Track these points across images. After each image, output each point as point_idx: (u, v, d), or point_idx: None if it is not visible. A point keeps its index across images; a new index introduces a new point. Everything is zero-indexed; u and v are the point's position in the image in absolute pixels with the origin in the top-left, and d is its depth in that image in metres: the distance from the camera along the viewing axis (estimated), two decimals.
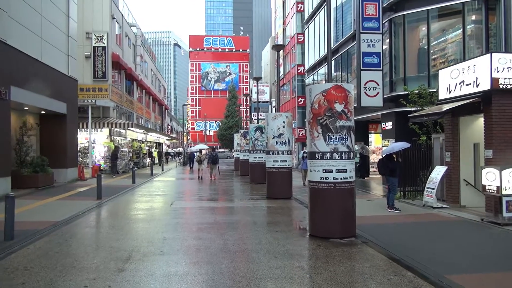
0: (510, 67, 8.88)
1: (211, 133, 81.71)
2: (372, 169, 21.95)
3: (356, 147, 7.32)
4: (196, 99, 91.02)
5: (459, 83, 10.08)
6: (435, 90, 13.27)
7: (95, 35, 24.32)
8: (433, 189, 10.60)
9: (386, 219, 9.23)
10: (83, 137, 23.84)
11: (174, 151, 60.46)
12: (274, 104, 57.27)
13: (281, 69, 46.46)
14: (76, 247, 6.67)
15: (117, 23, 27.55)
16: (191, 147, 48.06)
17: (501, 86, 8.89)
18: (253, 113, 51.31)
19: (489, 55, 8.99)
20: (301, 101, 40.51)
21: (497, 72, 8.88)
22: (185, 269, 5.46)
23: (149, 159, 34.95)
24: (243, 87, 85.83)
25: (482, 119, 9.86)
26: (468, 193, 10.61)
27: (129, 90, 31.50)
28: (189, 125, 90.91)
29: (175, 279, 5.04)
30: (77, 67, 20.66)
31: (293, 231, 8.20)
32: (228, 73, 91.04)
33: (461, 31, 15.00)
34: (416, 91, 13.93)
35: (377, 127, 22.36)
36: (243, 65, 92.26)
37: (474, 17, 14.92)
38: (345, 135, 7.27)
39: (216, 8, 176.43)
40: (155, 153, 41.18)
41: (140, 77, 34.41)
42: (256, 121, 25.19)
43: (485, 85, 9.07)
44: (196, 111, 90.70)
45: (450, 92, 10.55)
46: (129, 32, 31.76)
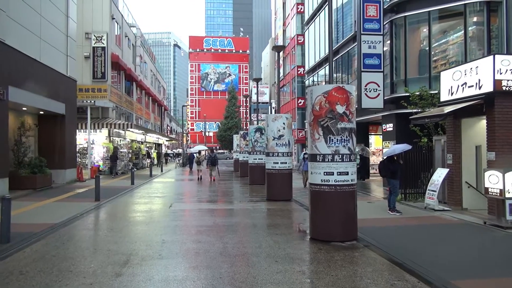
0: None
1: (211, 134, 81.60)
2: (372, 171, 21.89)
3: (356, 148, 7.27)
4: (195, 100, 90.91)
5: (461, 85, 10.00)
6: (436, 92, 13.19)
7: (95, 36, 24.21)
8: (435, 191, 10.51)
9: (387, 222, 9.13)
10: (82, 138, 23.75)
11: (173, 152, 60.31)
12: (274, 105, 57.20)
13: (281, 71, 46.36)
14: (73, 250, 6.56)
15: (117, 23, 27.46)
16: (190, 148, 47.96)
17: (504, 88, 8.81)
18: (252, 114, 51.26)
19: (492, 56, 8.90)
20: (300, 103, 40.44)
21: (500, 74, 8.80)
22: (184, 274, 5.35)
23: (148, 160, 34.84)
24: (243, 88, 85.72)
25: (484, 121, 9.78)
26: (470, 195, 10.52)
27: (128, 90, 31.40)
28: (188, 126, 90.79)
29: (174, 284, 4.93)
30: (76, 67, 20.57)
31: (293, 234, 8.10)
32: (228, 74, 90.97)
33: (462, 32, 14.91)
34: (417, 93, 13.84)
35: (378, 128, 22.28)
36: (243, 66, 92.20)
37: (475, 19, 14.84)
38: (347, 137, 7.17)
39: (216, 9, 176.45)
40: (154, 154, 41.04)
41: (139, 77, 34.31)
42: (256, 122, 25.11)
43: (488, 87, 8.98)
44: (195, 112, 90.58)
45: (452, 94, 10.47)
46: (128, 32, 31.66)
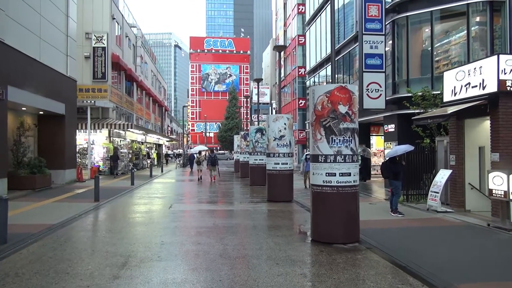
0: None
1: (211, 135, 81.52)
2: (373, 172, 21.78)
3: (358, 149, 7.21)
4: (196, 100, 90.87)
5: (465, 85, 9.88)
6: (438, 92, 13.08)
7: (95, 36, 24.12)
8: (438, 193, 10.39)
9: (389, 224, 9.01)
10: (82, 138, 23.64)
11: (174, 152, 60.21)
12: (274, 106, 57.12)
13: (281, 71, 46.28)
14: (70, 251, 6.45)
15: (117, 23, 27.37)
16: (191, 148, 47.86)
17: (508, 88, 8.69)
18: (253, 115, 51.16)
19: (496, 56, 8.78)
20: (301, 103, 40.32)
21: (504, 74, 8.68)
22: (183, 276, 5.24)
23: (148, 161, 34.74)
24: (244, 89, 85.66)
25: (488, 122, 9.67)
26: (473, 197, 10.40)
27: (129, 91, 31.31)
28: (189, 127, 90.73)
29: (172, 287, 4.82)
30: (76, 67, 20.48)
31: (294, 236, 7.98)
32: (228, 75, 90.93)
33: (465, 33, 14.79)
34: (419, 93, 13.72)
35: (379, 129, 22.16)
36: (243, 66, 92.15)
37: (478, 19, 14.71)
38: (349, 137, 7.06)
39: (217, 9, 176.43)
40: (154, 154, 40.92)
41: (140, 78, 34.22)
42: (256, 123, 25.01)
43: (492, 87, 8.87)
44: (196, 112, 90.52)
45: (455, 94, 10.35)
46: (129, 32, 31.58)
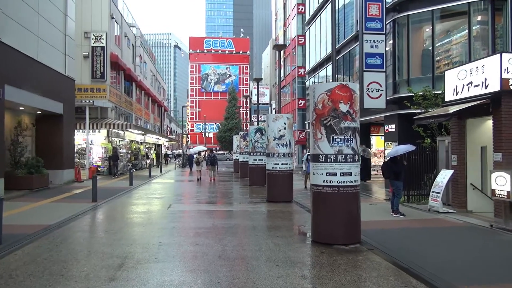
0: None
1: (211, 135, 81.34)
2: (373, 172, 21.67)
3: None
4: (195, 100, 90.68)
5: (467, 84, 9.77)
6: (439, 92, 12.97)
7: (94, 35, 24.00)
8: (439, 193, 10.28)
9: (391, 224, 8.90)
10: (80, 138, 23.51)
11: (173, 152, 60.08)
12: (274, 106, 57.02)
13: (281, 71, 46.17)
14: (66, 253, 6.32)
15: (116, 23, 27.25)
16: (190, 149, 47.73)
17: (511, 87, 8.58)
18: (252, 115, 51.05)
19: (499, 55, 8.67)
20: (301, 103, 40.22)
21: (507, 72, 8.56)
22: (180, 278, 5.11)
23: (148, 161, 34.61)
24: (243, 89, 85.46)
25: (490, 122, 9.55)
26: (474, 198, 10.28)
27: (128, 91, 31.17)
28: (188, 127, 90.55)
29: None
30: (75, 67, 20.36)
31: (294, 237, 7.86)
32: (228, 75, 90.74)
33: (466, 32, 14.68)
34: (420, 93, 13.62)
35: (379, 129, 22.05)
36: (243, 67, 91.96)
37: (479, 18, 14.60)
38: (350, 136, 6.94)
39: (216, 10, 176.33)
40: (153, 154, 40.79)
41: (139, 78, 34.09)
42: (256, 123, 24.89)
43: (495, 86, 8.75)
44: (195, 112, 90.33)
45: (457, 93, 10.24)
46: (128, 32, 31.45)
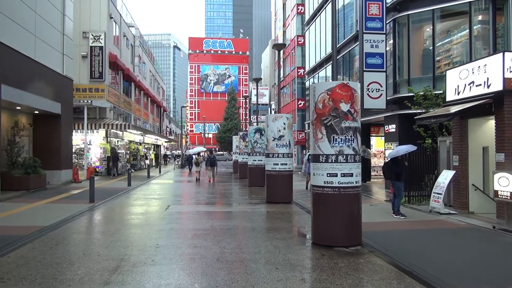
0: None
1: (210, 136, 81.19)
2: (373, 173, 21.55)
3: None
4: (195, 101, 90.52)
5: (469, 84, 9.64)
6: (440, 92, 12.86)
7: (92, 35, 23.85)
8: (440, 194, 10.15)
9: (392, 226, 8.77)
10: (78, 138, 23.36)
11: (172, 153, 59.93)
12: (273, 106, 56.90)
13: (280, 72, 46.05)
14: (60, 255, 6.18)
15: (115, 23, 27.11)
16: (189, 149, 47.59)
17: None
18: (252, 116, 50.92)
19: (502, 54, 8.55)
20: (300, 104, 40.08)
21: (510, 72, 8.44)
22: (177, 282, 4.98)
23: (147, 161, 34.45)
24: (243, 90, 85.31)
25: (492, 122, 9.44)
26: (476, 198, 10.16)
27: (126, 91, 31.02)
28: (188, 128, 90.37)
29: None
30: (73, 66, 20.21)
31: (294, 239, 7.73)
32: (227, 76, 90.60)
33: (467, 31, 14.56)
34: (421, 93, 13.50)
35: (379, 130, 21.92)
36: (242, 67, 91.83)
37: (480, 17, 14.48)
38: (351, 136, 6.81)
39: (216, 10, 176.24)
40: (152, 155, 40.63)
41: (138, 78, 33.95)
42: (255, 124, 24.78)
43: (497, 86, 8.63)
44: (195, 113, 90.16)
45: (458, 93, 10.11)
46: (127, 32, 31.31)
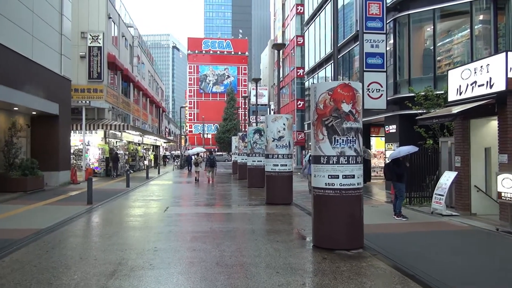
0: None
1: (209, 136, 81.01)
2: (373, 174, 21.43)
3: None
4: (194, 101, 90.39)
5: (471, 84, 9.53)
6: (442, 92, 12.75)
7: (91, 35, 23.70)
8: (442, 195, 10.03)
9: (394, 228, 8.66)
10: (77, 139, 23.20)
11: (171, 153, 59.73)
12: (273, 107, 56.77)
13: (280, 72, 45.93)
14: (57, 259, 6.04)
15: (114, 23, 26.97)
16: (188, 150, 47.42)
17: None
18: (251, 116, 50.77)
19: (505, 53, 8.44)
20: (300, 104, 39.97)
21: None
22: (175, 287, 4.85)
23: (146, 162, 34.31)
24: (242, 90, 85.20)
25: (494, 122, 9.33)
26: (479, 200, 10.05)
27: (125, 91, 30.87)
28: (187, 128, 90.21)
29: None
30: (71, 67, 20.06)
31: (295, 241, 7.60)
32: (226, 76, 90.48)
33: (468, 31, 14.46)
34: (422, 93, 13.39)
35: (379, 130, 21.81)
36: (241, 68, 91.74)
37: (481, 17, 14.38)
38: (353, 137, 6.69)
39: (215, 11, 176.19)
40: (151, 156, 40.48)
41: (137, 78, 33.79)
42: (254, 124, 24.66)
43: (500, 86, 8.52)
44: (194, 113, 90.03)
45: (460, 93, 10.00)
46: (126, 32, 31.16)
